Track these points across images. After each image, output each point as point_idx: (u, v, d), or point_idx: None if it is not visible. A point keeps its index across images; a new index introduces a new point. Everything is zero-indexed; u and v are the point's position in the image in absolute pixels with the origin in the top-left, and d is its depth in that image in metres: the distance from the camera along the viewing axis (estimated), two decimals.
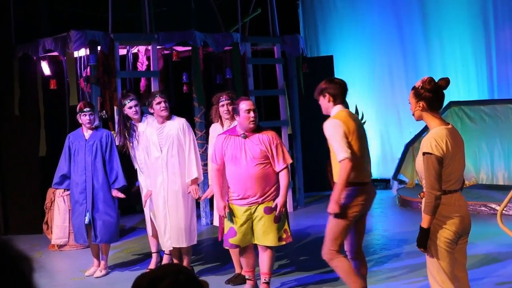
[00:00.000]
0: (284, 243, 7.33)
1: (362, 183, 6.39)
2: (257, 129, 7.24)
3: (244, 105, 7.14)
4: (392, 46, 15.18)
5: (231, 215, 7.23)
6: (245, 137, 7.18)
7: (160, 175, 8.20)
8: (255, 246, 7.42)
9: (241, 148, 7.16)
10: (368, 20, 15.44)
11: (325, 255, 6.51)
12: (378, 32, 15.35)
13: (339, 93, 6.48)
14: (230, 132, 7.33)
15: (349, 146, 6.22)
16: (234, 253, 8.21)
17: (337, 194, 6.23)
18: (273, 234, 7.21)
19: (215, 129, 8.24)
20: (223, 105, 8.11)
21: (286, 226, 7.30)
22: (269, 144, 7.17)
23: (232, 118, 8.06)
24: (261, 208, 7.17)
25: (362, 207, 6.42)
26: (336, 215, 6.32)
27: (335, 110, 6.45)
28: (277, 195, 7.17)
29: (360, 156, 6.32)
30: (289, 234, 7.35)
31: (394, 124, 15.20)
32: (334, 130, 6.25)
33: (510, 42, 13.77)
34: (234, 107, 7.31)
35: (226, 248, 7.54)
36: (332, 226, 6.40)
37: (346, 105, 6.73)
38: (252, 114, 7.11)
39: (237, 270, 8.20)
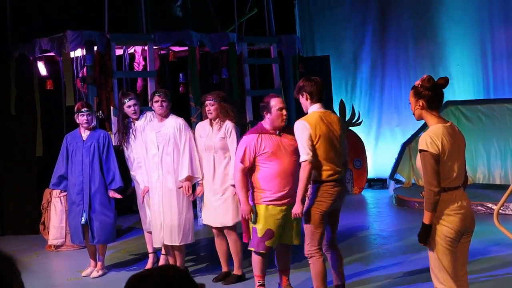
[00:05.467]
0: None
1: (329, 181, 6.56)
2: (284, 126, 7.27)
3: (275, 102, 7.12)
4: (388, 46, 15.19)
5: (262, 218, 7.10)
6: (280, 134, 7.17)
7: (156, 172, 8.24)
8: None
9: (279, 145, 7.12)
10: (364, 20, 15.45)
11: (305, 252, 6.68)
12: (374, 32, 15.36)
13: (315, 90, 6.62)
14: (259, 131, 7.20)
15: (313, 148, 6.41)
16: (221, 251, 8.25)
17: (299, 195, 6.47)
18: (300, 232, 7.34)
19: (203, 128, 8.23)
20: (206, 105, 8.11)
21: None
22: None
23: (220, 119, 8.07)
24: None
25: (331, 203, 6.57)
26: (305, 214, 6.52)
27: (311, 110, 6.62)
28: None
29: (326, 157, 6.51)
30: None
31: (391, 123, 15.21)
32: (300, 132, 6.46)
33: (506, 42, 13.78)
34: (263, 104, 7.20)
35: (262, 252, 7.18)
36: (306, 224, 6.59)
37: (343, 106, 6.79)
38: (284, 111, 7.13)
39: (224, 269, 8.29)
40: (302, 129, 6.44)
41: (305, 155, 6.39)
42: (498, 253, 8.81)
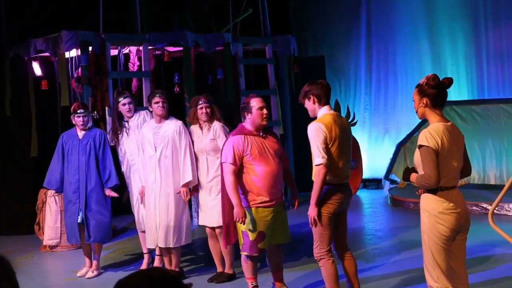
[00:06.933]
0: None
1: (337, 184, 6.52)
2: (265, 128, 7.27)
3: (255, 102, 7.13)
4: (383, 46, 15.21)
5: (255, 221, 7.06)
6: (263, 136, 7.17)
7: (153, 174, 8.23)
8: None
9: (264, 146, 7.13)
10: (359, 20, 15.46)
11: (315, 254, 6.62)
12: (369, 32, 15.38)
13: (323, 93, 6.55)
14: (243, 132, 7.17)
15: (327, 151, 6.36)
16: (215, 251, 8.26)
17: (314, 198, 6.39)
18: (288, 230, 7.38)
19: (195, 131, 8.25)
20: (201, 108, 8.11)
21: None
22: (280, 143, 7.35)
23: (210, 121, 8.09)
24: (281, 205, 7.26)
25: (338, 205, 6.53)
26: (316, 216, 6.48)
27: (322, 112, 6.53)
28: None
29: (338, 160, 6.47)
30: None
31: (386, 124, 15.22)
32: (315, 134, 6.36)
33: (501, 42, 13.80)
34: (244, 105, 7.22)
35: (254, 255, 7.17)
36: (314, 227, 6.52)
37: (338, 106, 6.78)
38: (265, 110, 7.13)
39: (219, 269, 8.29)
40: (318, 131, 6.34)
41: (320, 158, 6.30)
42: (493, 252, 8.84)
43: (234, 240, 7.50)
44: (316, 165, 6.33)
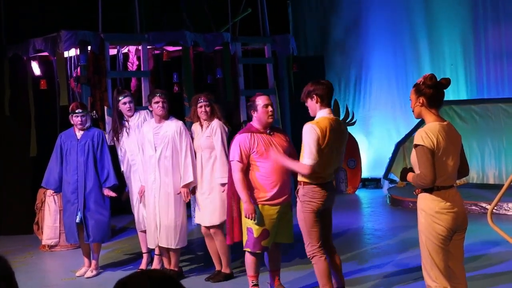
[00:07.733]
0: None
1: (321, 184, 6.56)
2: (272, 126, 7.29)
3: (261, 100, 7.17)
4: (382, 46, 15.22)
5: (262, 218, 7.09)
6: (271, 134, 7.20)
7: (153, 174, 8.22)
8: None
9: (271, 144, 7.14)
10: (358, 20, 15.47)
11: (307, 253, 6.67)
12: (367, 32, 15.38)
13: (326, 94, 6.57)
14: (250, 130, 7.20)
15: (320, 154, 6.39)
16: (212, 250, 8.27)
17: (290, 165, 6.71)
18: (292, 231, 7.38)
19: (196, 130, 8.26)
20: (201, 106, 8.11)
21: None
22: (289, 141, 7.36)
23: (210, 119, 8.10)
24: (288, 205, 7.25)
25: (322, 203, 6.56)
26: (298, 216, 6.59)
27: (320, 114, 6.56)
28: None
29: (326, 164, 6.50)
30: None
31: (385, 123, 15.23)
32: (309, 136, 6.40)
33: (500, 41, 13.80)
34: (250, 104, 7.26)
35: (258, 252, 7.20)
36: (302, 224, 6.59)
37: (337, 106, 6.76)
38: (270, 108, 7.15)
39: (217, 267, 8.30)
40: (312, 132, 6.37)
41: (311, 159, 6.34)
42: (492, 252, 8.84)
43: (238, 239, 7.49)
44: (305, 164, 6.39)
